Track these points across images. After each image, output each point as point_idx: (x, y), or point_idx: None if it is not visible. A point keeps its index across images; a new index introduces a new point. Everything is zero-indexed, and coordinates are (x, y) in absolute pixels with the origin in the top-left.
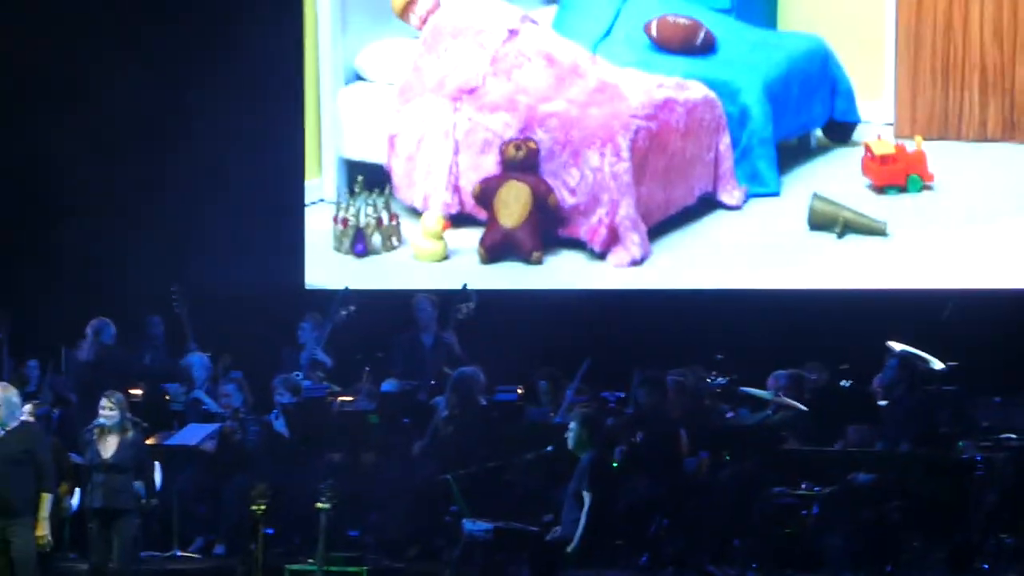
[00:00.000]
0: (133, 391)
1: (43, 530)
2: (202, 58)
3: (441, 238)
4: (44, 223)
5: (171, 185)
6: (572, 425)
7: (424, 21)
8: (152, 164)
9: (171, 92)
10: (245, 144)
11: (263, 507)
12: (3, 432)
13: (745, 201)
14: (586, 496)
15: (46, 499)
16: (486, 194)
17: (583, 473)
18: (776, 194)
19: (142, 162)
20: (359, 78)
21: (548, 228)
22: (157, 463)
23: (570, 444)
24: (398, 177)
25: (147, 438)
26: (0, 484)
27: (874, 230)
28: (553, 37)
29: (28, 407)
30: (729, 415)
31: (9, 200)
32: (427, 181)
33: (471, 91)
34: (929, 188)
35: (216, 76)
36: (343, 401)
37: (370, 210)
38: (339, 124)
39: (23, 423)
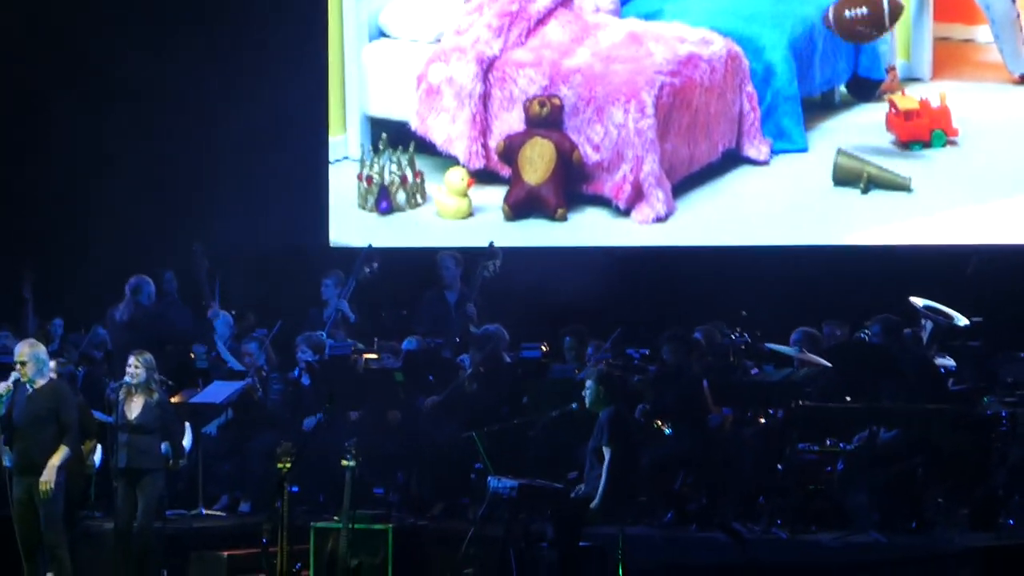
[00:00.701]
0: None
1: (47, 476)
2: (226, 17)
3: (465, 195)
4: (72, 186)
5: (196, 144)
6: (588, 383)
7: None
8: (177, 123)
9: (195, 51)
10: (269, 102)
11: (288, 465)
12: (31, 390)
13: (771, 156)
14: (606, 452)
15: (62, 451)
16: (510, 151)
17: (602, 429)
18: (804, 150)
19: (167, 122)
20: (383, 35)
21: (572, 185)
22: (188, 424)
23: (588, 402)
24: (421, 113)
25: (172, 396)
26: (26, 442)
27: (898, 185)
28: None
29: (52, 364)
30: (754, 372)
31: (37, 164)
32: (451, 128)
33: (497, 48)
34: (953, 143)
35: (241, 34)
36: (368, 359)
37: (394, 167)
38: (363, 81)
39: (51, 381)
